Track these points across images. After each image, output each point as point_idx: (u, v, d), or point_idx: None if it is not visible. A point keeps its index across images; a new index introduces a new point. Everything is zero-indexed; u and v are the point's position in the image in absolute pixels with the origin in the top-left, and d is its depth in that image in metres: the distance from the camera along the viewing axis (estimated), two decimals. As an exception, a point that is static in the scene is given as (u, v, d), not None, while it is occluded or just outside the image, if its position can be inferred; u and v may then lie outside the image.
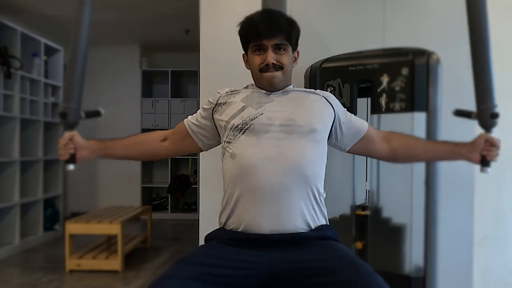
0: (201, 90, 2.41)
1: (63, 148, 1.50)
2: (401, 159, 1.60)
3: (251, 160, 1.38)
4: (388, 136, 1.58)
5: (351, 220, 1.99)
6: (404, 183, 1.86)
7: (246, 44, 1.50)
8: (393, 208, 1.92)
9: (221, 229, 1.46)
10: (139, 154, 1.65)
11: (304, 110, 1.44)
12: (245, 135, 1.41)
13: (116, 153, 1.60)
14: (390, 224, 1.92)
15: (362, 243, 1.96)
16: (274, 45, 1.43)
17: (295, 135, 1.40)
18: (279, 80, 1.46)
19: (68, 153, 1.50)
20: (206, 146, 1.59)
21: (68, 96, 1.51)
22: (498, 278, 2.12)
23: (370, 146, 1.57)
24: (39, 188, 4.64)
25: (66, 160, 1.52)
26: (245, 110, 1.44)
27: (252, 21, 1.48)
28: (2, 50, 4.09)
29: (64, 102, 1.52)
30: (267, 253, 1.34)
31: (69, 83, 1.52)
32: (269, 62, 1.43)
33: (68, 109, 1.50)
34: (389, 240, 1.91)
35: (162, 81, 6.31)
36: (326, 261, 1.30)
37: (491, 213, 2.08)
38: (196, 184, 6.02)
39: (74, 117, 1.51)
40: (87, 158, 1.55)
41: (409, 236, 1.86)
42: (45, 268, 3.69)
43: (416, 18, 2.05)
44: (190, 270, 1.28)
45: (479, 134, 1.44)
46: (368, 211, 1.96)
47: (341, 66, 2.01)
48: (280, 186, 1.36)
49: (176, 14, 4.64)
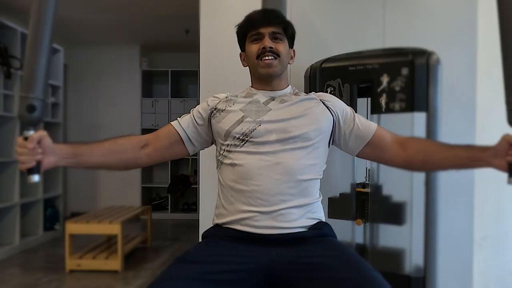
0: (201, 90, 2.41)
1: (29, 153, 1.21)
2: (418, 167, 1.52)
3: (250, 169, 1.39)
4: (404, 141, 1.47)
5: (352, 197, 2.00)
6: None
7: (244, 37, 1.52)
8: (393, 186, 1.93)
9: (217, 226, 1.46)
10: (118, 163, 1.45)
11: (298, 119, 1.44)
12: (245, 146, 1.42)
13: (91, 162, 1.39)
14: (390, 201, 1.93)
15: (362, 220, 1.97)
16: (271, 33, 1.46)
17: (290, 146, 1.41)
18: (275, 69, 1.47)
19: (35, 160, 1.21)
20: (195, 150, 1.56)
21: (32, 84, 1.20)
22: (498, 278, 2.12)
23: (380, 151, 1.48)
24: (39, 188, 4.64)
25: (29, 170, 1.20)
26: (244, 120, 1.44)
27: (249, 16, 1.52)
28: (2, 50, 4.09)
29: (26, 92, 1.21)
30: (265, 249, 1.34)
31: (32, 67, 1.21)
32: (266, 46, 1.45)
33: (34, 100, 1.20)
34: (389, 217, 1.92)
35: (162, 81, 6.31)
36: (325, 258, 1.31)
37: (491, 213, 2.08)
38: (196, 184, 6.02)
39: (41, 111, 1.22)
40: (54, 166, 1.29)
41: (410, 213, 1.87)
42: (45, 268, 3.70)
43: (416, 18, 2.04)
44: (190, 269, 1.28)
45: (503, 136, 1.22)
46: (368, 188, 1.97)
47: (341, 66, 2.01)
48: (277, 192, 1.37)
49: (176, 14, 4.64)
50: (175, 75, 6.25)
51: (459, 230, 1.93)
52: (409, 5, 2.07)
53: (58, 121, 5.04)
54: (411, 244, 1.87)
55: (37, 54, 1.22)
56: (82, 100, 6.21)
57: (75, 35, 5.53)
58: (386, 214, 1.94)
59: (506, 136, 1.22)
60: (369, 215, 1.96)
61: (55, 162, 1.29)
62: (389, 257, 1.92)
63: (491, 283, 2.07)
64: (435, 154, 1.40)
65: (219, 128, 1.47)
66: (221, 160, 1.47)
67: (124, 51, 6.16)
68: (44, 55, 1.22)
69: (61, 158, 1.31)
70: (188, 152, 1.54)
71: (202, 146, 1.56)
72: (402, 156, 1.45)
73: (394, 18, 2.07)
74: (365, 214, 1.97)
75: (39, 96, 1.21)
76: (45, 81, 1.23)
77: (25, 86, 1.22)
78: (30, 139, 1.21)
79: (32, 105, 1.19)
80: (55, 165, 1.30)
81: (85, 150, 1.38)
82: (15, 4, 4.33)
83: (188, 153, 1.54)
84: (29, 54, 1.23)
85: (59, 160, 1.30)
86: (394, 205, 1.92)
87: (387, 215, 1.94)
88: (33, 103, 1.20)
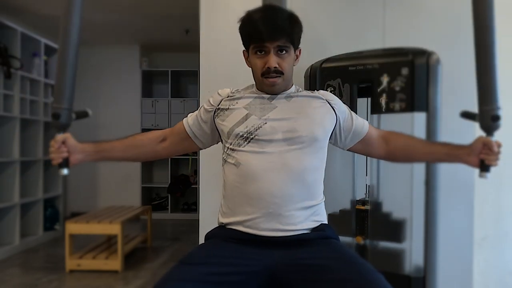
0: (201, 90, 2.41)
1: (56, 152, 1.44)
2: (399, 159, 1.60)
3: (255, 170, 1.38)
4: (388, 136, 1.57)
5: (351, 214, 2.00)
6: (404, 178, 1.87)
7: (247, 43, 1.47)
8: (393, 203, 1.92)
9: (221, 227, 1.46)
10: (137, 156, 1.63)
11: (306, 119, 1.44)
12: (249, 145, 1.41)
13: (113, 156, 1.57)
14: (390, 218, 1.93)
15: (362, 237, 1.97)
16: (277, 46, 1.40)
17: (297, 145, 1.41)
18: (279, 86, 1.46)
19: (61, 157, 1.44)
20: (205, 145, 1.59)
21: (59, 96, 1.45)
22: (498, 278, 2.12)
23: (369, 146, 1.57)
24: (39, 188, 4.64)
25: (59, 164, 1.45)
26: (249, 118, 1.43)
27: (254, 20, 1.42)
28: (2, 50, 4.09)
29: (55, 103, 1.45)
30: (268, 251, 1.34)
31: (60, 82, 1.45)
32: (271, 67, 1.41)
33: (60, 109, 1.44)
34: (389, 235, 1.92)
35: (162, 81, 6.31)
36: (328, 260, 1.31)
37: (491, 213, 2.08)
38: (196, 184, 6.02)
39: (66, 118, 1.45)
40: (81, 162, 1.50)
41: (410, 230, 1.87)
42: (45, 268, 3.70)
43: (416, 18, 2.05)
44: (194, 271, 1.28)
45: (477, 137, 1.39)
46: (368, 205, 1.97)
47: (341, 66, 2.01)
48: (282, 193, 1.37)
49: (176, 14, 4.64)
50: (175, 75, 6.25)
51: (459, 230, 1.93)
52: (409, 5, 2.07)
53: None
54: (411, 244, 1.87)
55: (65, 68, 1.44)
56: (82, 100, 6.20)
57: (75, 35, 5.52)
58: (386, 231, 1.94)
59: (480, 138, 1.39)
60: (369, 232, 1.96)
61: (81, 159, 1.49)
62: (389, 257, 1.92)
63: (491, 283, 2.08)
64: (415, 149, 1.53)
65: (223, 126, 1.47)
66: (226, 159, 1.47)
67: (124, 51, 6.16)
68: (71, 68, 1.45)
69: (86, 155, 1.50)
70: (199, 147, 1.59)
71: (210, 143, 1.58)
72: (385, 150, 1.56)
73: (394, 18, 2.07)
74: (365, 231, 1.97)
75: (64, 106, 1.45)
76: (72, 92, 1.46)
77: (55, 98, 1.46)
78: (55, 140, 1.45)
79: (56, 113, 1.43)
80: (82, 161, 1.49)
81: (106, 147, 1.55)
82: (15, 4, 4.34)
83: (199, 147, 1.60)
84: (59, 68, 1.45)
85: (85, 157, 1.50)
86: (394, 223, 1.91)
87: (387, 232, 1.93)
88: (57, 112, 1.44)
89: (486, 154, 1.37)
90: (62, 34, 1.44)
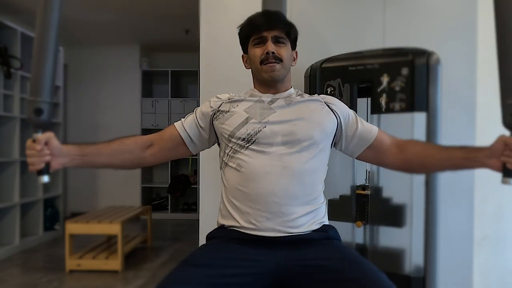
0: (201, 90, 2.41)
1: (37, 155, 1.24)
2: (415, 169, 1.51)
3: (256, 172, 1.39)
4: (403, 144, 1.48)
5: (352, 199, 2.00)
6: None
7: (246, 40, 1.51)
8: (394, 188, 1.93)
9: (222, 227, 1.46)
10: (122, 163, 1.49)
11: (305, 122, 1.44)
12: (250, 149, 1.41)
13: (99, 161, 1.43)
14: (390, 203, 1.93)
15: (362, 222, 1.97)
16: (274, 37, 1.46)
17: (297, 149, 1.41)
18: (278, 73, 1.47)
19: (44, 161, 1.24)
20: (198, 150, 1.57)
21: (38, 89, 1.22)
22: (498, 278, 2.12)
23: (380, 154, 1.50)
24: (39, 188, 4.64)
25: (39, 170, 1.23)
26: (249, 122, 1.43)
27: (252, 19, 1.51)
28: (2, 50, 4.09)
29: (33, 96, 1.22)
30: (271, 252, 1.34)
31: (38, 70, 1.23)
32: (269, 51, 1.44)
33: (42, 103, 1.22)
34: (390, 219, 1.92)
35: (162, 81, 6.31)
36: (331, 260, 1.32)
37: (491, 213, 2.08)
38: (196, 184, 6.02)
39: (48, 114, 1.24)
40: (64, 167, 1.33)
41: (410, 215, 1.87)
42: (45, 268, 3.70)
43: (416, 18, 2.04)
44: (196, 273, 1.27)
45: (499, 136, 1.22)
46: (368, 190, 1.97)
47: (341, 66, 2.01)
48: (283, 193, 1.37)
49: (176, 14, 4.64)
50: (175, 75, 6.25)
51: (459, 230, 1.93)
52: (409, 5, 2.07)
53: (58, 121, 5.04)
54: (411, 244, 1.88)
55: (43, 58, 1.23)
56: (82, 100, 6.21)
57: (75, 35, 5.53)
58: (386, 216, 1.94)
59: (501, 137, 1.22)
60: (369, 217, 1.96)
61: (64, 163, 1.32)
62: (389, 257, 1.92)
63: (491, 283, 2.07)
64: (431, 156, 1.41)
65: (223, 129, 1.46)
66: (226, 162, 1.47)
67: (124, 51, 6.16)
68: (50, 59, 1.24)
69: (70, 159, 1.33)
70: (191, 152, 1.56)
71: (203, 147, 1.57)
72: (400, 159, 1.47)
73: (394, 18, 2.07)
74: (365, 216, 1.97)
75: (46, 99, 1.23)
76: (52, 85, 1.26)
77: (32, 90, 1.24)
78: (37, 141, 1.24)
79: (39, 108, 1.22)
80: (64, 166, 1.33)
81: (92, 150, 1.41)
82: (15, 4, 4.34)
83: (190, 152, 1.56)
84: (36, 59, 1.24)
85: (68, 162, 1.33)
86: (394, 207, 1.92)
87: (387, 217, 1.94)
88: (40, 106, 1.22)
89: (508, 156, 1.20)
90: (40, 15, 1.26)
